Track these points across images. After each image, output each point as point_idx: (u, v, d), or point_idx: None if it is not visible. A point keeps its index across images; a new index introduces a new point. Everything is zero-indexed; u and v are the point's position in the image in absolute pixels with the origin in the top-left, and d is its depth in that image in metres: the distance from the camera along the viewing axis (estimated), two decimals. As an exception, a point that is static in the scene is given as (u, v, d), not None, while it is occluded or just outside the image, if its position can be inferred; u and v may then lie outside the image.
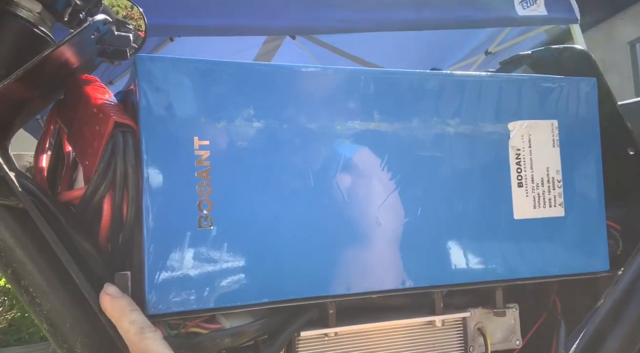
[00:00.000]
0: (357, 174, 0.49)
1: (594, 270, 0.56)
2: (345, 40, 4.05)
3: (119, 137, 0.43)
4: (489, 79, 0.55)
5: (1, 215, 0.44)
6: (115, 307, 0.41)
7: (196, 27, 2.70)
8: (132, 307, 0.41)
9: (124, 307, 0.41)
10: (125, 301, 0.42)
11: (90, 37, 0.47)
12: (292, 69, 0.48)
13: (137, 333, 0.41)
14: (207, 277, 0.44)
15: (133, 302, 0.42)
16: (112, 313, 0.41)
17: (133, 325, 0.41)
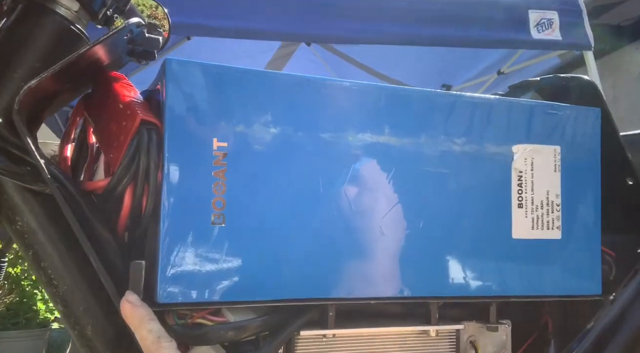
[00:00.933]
0: (364, 185, 0.52)
1: (586, 293, 0.58)
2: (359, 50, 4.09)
3: (144, 134, 0.45)
4: (497, 102, 0.57)
5: (28, 200, 0.46)
6: (135, 315, 0.44)
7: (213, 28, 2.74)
8: (150, 316, 0.44)
9: (143, 316, 0.44)
10: (144, 310, 0.44)
11: (124, 38, 0.50)
12: (311, 80, 0.51)
13: (154, 342, 0.43)
14: (216, 272, 0.47)
15: (151, 312, 0.44)
16: (131, 320, 0.44)
17: (151, 333, 0.43)
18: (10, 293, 3.42)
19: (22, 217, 0.46)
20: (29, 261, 0.48)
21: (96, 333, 0.47)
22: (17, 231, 0.47)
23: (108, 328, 0.47)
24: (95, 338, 0.47)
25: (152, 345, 0.43)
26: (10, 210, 0.46)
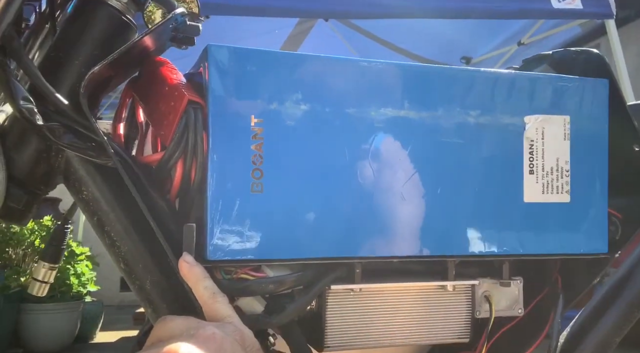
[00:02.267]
0: (386, 155, 0.57)
1: (593, 251, 0.63)
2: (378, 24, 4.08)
3: (191, 113, 0.51)
4: (510, 76, 0.61)
5: (92, 172, 0.53)
6: (192, 274, 0.50)
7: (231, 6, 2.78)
8: (205, 274, 0.50)
9: (199, 274, 0.50)
10: (199, 269, 0.50)
11: (169, 27, 0.56)
12: (337, 60, 0.56)
13: (210, 297, 0.49)
14: (256, 233, 0.53)
15: (205, 271, 0.50)
16: (189, 278, 0.50)
17: (207, 290, 0.49)
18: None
19: (87, 187, 0.53)
20: (93, 226, 0.54)
21: (154, 288, 0.54)
22: (82, 200, 0.54)
23: (163, 283, 0.54)
24: (153, 291, 0.54)
25: (208, 300, 0.49)
26: (77, 181, 0.53)
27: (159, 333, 0.45)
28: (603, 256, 0.64)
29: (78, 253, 3.71)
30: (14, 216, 0.51)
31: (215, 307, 0.49)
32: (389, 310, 0.59)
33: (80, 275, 3.69)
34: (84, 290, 3.67)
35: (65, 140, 0.49)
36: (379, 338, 0.59)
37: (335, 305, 0.57)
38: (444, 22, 3.66)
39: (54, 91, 0.50)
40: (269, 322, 0.55)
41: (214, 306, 0.49)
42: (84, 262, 3.72)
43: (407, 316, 0.60)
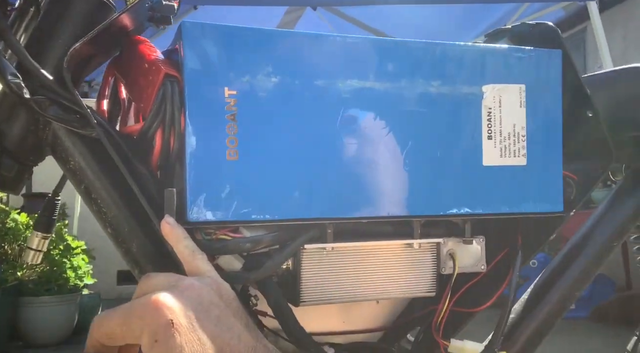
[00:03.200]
0: (354, 123, 0.61)
1: (550, 210, 0.68)
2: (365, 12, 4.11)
3: (167, 85, 0.55)
4: (468, 48, 0.66)
5: (77, 143, 0.57)
6: (173, 234, 0.53)
7: (220, -4, 2.80)
8: (185, 235, 0.54)
9: (179, 235, 0.53)
10: (180, 230, 0.54)
11: (145, 6, 0.59)
12: (303, 35, 0.60)
13: (190, 254, 0.53)
14: (233, 197, 0.57)
15: (185, 231, 0.54)
16: (170, 238, 0.54)
17: (187, 248, 0.53)
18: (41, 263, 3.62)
19: (73, 157, 0.57)
20: (81, 194, 0.58)
21: (139, 250, 0.58)
22: (70, 170, 0.58)
23: (148, 245, 0.59)
24: (139, 254, 0.58)
25: (188, 257, 0.53)
26: (64, 152, 0.57)
27: (143, 288, 0.47)
28: (559, 215, 0.68)
29: (74, 247, 3.74)
30: (7, 185, 0.55)
31: (195, 263, 0.53)
32: (360, 267, 0.64)
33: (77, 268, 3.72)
34: (81, 283, 3.71)
35: (51, 112, 0.53)
36: (351, 293, 0.64)
37: (309, 263, 0.62)
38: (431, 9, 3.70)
39: (39, 67, 0.54)
40: (247, 277, 0.59)
41: (193, 263, 0.53)
42: (80, 255, 3.76)
43: (376, 273, 0.64)
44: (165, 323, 0.41)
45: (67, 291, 3.58)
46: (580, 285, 0.75)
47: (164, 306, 0.42)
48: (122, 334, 0.42)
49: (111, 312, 0.43)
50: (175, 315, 0.42)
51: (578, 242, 0.79)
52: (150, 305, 0.42)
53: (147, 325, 0.41)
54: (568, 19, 3.65)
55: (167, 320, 0.41)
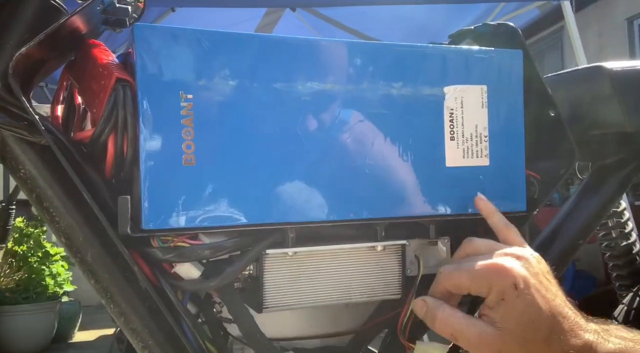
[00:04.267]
0: (313, 126, 0.60)
1: (513, 210, 0.68)
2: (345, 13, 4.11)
3: (119, 90, 0.54)
4: (429, 50, 0.65)
5: (27, 151, 0.55)
6: (487, 208, 0.64)
7: (196, -2, 2.78)
8: (496, 209, 0.64)
9: (493, 208, 0.64)
10: (492, 205, 0.64)
11: (97, 9, 0.58)
12: (260, 37, 0.59)
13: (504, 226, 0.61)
14: (191, 203, 0.56)
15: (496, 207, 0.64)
16: (485, 210, 0.64)
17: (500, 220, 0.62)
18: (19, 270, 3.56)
19: (23, 165, 0.55)
20: (33, 203, 0.57)
21: (95, 259, 0.57)
22: (20, 178, 0.56)
23: (104, 255, 0.57)
24: (94, 263, 0.57)
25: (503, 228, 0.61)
26: (14, 160, 0.55)
27: (467, 250, 0.58)
28: (522, 214, 0.68)
29: (53, 254, 3.68)
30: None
31: (509, 234, 0.59)
32: (323, 271, 0.63)
33: (56, 275, 3.66)
34: (61, 290, 3.65)
35: (-3, 119, 0.52)
36: (315, 298, 0.63)
37: (272, 268, 0.61)
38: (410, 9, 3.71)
39: (-16, 73, 0.52)
40: (206, 285, 0.58)
41: (508, 233, 0.59)
42: (59, 262, 3.70)
43: (340, 276, 0.64)
44: (510, 285, 0.50)
45: (46, 299, 3.53)
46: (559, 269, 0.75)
47: (509, 270, 0.51)
48: (468, 288, 0.53)
49: (459, 268, 0.54)
50: (518, 280, 0.50)
51: (545, 240, 0.79)
52: (497, 268, 0.52)
53: (495, 285, 0.51)
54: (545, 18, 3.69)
55: (512, 282, 0.50)
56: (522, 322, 0.50)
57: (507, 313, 0.50)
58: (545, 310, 0.50)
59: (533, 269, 0.53)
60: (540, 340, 0.50)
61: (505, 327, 0.50)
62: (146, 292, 0.57)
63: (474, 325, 0.52)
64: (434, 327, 0.54)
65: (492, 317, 0.51)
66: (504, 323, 0.50)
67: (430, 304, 0.56)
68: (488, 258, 0.53)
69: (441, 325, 0.53)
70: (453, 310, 0.54)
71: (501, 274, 0.51)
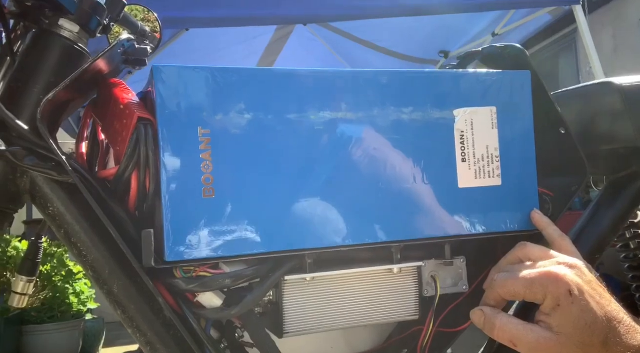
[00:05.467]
0: (328, 153, 0.62)
1: (527, 228, 0.69)
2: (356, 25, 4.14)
3: (141, 128, 0.56)
4: (437, 75, 0.67)
5: (55, 189, 0.58)
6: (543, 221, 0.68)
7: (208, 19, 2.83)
8: (550, 221, 0.68)
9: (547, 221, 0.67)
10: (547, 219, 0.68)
11: (118, 51, 0.61)
12: (271, 71, 0.61)
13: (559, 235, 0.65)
14: (211, 234, 0.58)
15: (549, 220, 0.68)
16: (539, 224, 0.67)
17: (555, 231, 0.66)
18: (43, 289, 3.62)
19: (52, 203, 0.58)
20: (61, 238, 0.59)
21: (121, 291, 0.59)
22: (49, 215, 0.59)
23: (129, 286, 0.59)
24: (120, 294, 0.59)
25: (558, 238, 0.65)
26: (42, 198, 0.58)
27: (519, 255, 0.61)
28: (536, 232, 0.69)
29: (75, 272, 3.74)
30: (-14, 233, 0.56)
31: (563, 244, 0.62)
32: (341, 294, 0.65)
33: (80, 293, 3.72)
34: (84, 308, 3.71)
35: (27, 161, 0.55)
36: (334, 321, 0.64)
37: (291, 293, 0.63)
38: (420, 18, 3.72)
39: (14, 118, 0.55)
40: (228, 313, 0.60)
41: (562, 243, 0.62)
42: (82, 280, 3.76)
43: (358, 299, 0.65)
44: (565, 292, 0.52)
45: (71, 317, 3.58)
46: None
47: (563, 278, 0.53)
48: (523, 295, 0.55)
49: (513, 276, 0.56)
50: (572, 287, 0.52)
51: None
52: (552, 275, 0.53)
53: (549, 292, 0.53)
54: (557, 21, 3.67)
55: (566, 289, 0.52)
56: (578, 327, 0.51)
57: (564, 319, 0.52)
58: (600, 315, 0.52)
59: (586, 277, 0.54)
60: (597, 344, 0.51)
61: (562, 332, 0.52)
62: (170, 321, 0.59)
63: (532, 330, 0.54)
64: (493, 335, 0.56)
65: (548, 323, 0.53)
66: (561, 329, 0.52)
67: (487, 313, 0.58)
68: (541, 265, 0.56)
69: (500, 333, 0.55)
70: (510, 317, 0.56)
71: (555, 282, 0.53)
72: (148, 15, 0.99)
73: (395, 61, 4.37)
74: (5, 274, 3.53)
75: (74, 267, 3.74)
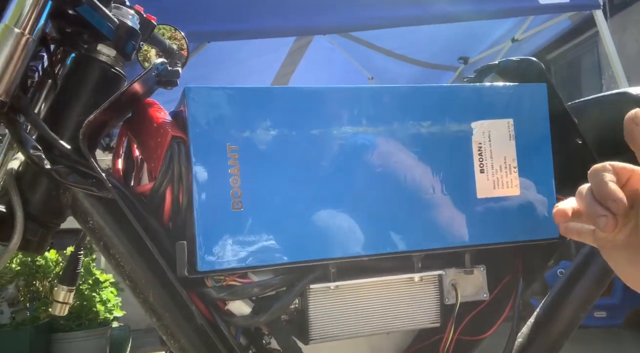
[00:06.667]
0: (351, 167, 0.65)
1: (546, 237, 0.70)
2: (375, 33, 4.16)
3: (174, 146, 0.60)
4: (454, 89, 0.69)
5: (95, 204, 0.62)
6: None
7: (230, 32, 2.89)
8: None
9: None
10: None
11: (152, 74, 0.65)
12: (296, 90, 0.65)
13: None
14: (240, 245, 0.61)
15: None
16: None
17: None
18: (71, 298, 3.71)
19: (92, 217, 0.62)
20: (100, 250, 0.63)
21: (156, 299, 0.63)
22: (89, 228, 0.63)
23: (164, 295, 0.63)
24: (155, 302, 0.63)
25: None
26: (83, 213, 0.62)
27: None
28: (555, 241, 0.71)
29: (102, 281, 3.82)
30: (32, 247, 0.60)
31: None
32: (364, 302, 0.67)
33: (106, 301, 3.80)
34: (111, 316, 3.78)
35: (70, 179, 0.59)
36: (357, 328, 0.67)
37: (316, 301, 0.65)
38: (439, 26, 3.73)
39: (57, 138, 0.59)
40: (257, 321, 0.63)
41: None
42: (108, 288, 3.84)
43: (380, 307, 0.67)
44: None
45: (98, 325, 3.65)
46: (585, 306, 0.77)
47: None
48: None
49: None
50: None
51: (584, 259, 0.81)
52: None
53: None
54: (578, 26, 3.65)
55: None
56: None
57: None
58: None
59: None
60: None
61: None
62: (202, 328, 0.62)
63: None
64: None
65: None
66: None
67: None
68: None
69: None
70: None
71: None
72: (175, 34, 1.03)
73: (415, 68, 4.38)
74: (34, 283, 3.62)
75: (101, 275, 3.82)
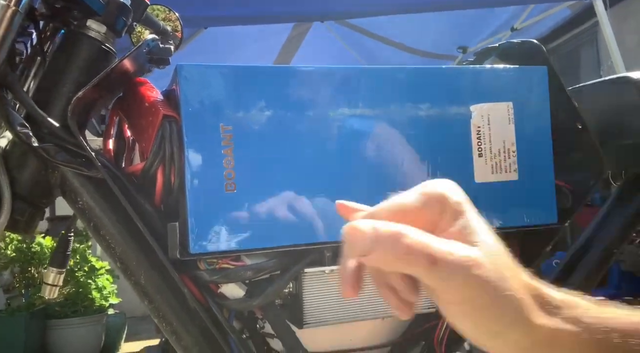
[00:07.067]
0: (345, 149, 0.64)
1: (544, 222, 0.69)
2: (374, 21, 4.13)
3: (166, 126, 0.59)
4: (454, 71, 0.68)
5: (85, 184, 0.60)
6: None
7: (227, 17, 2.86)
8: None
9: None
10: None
11: (143, 51, 0.63)
12: (291, 69, 0.63)
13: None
14: (233, 227, 0.60)
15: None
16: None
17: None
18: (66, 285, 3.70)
19: (81, 197, 0.61)
20: (90, 232, 0.62)
21: (147, 281, 0.61)
22: (79, 209, 0.61)
23: (156, 277, 0.62)
24: (147, 285, 0.62)
25: None
26: (73, 193, 0.61)
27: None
28: (554, 226, 0.70)
29: (98, 268, 3.81)
30: (20, 227, 0.59)
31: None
32: (359, 287, 0.66)
33: (102, 288, 3.79)
34: (106, 303, 3.78)
35: (58, 157, 0.57)
36: (353, 313, 0.66)
37: (310, 286, 0.64)
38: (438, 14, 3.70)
39: (45, 116, 0.58)
40: (250, 304, 0.62)
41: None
42: (104, 275, 3.83)
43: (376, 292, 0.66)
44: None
45: (93, 312, 3.65)
46: (591, 283, 0.76)
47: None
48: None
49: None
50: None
51: (579, 249, 0.80)
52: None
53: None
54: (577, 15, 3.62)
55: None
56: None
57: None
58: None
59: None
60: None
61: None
62: (195, 312, 0.61)
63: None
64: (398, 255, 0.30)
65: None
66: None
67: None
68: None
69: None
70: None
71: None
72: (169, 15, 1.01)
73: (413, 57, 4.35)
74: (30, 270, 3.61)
75: (97, 262, 3.81)
